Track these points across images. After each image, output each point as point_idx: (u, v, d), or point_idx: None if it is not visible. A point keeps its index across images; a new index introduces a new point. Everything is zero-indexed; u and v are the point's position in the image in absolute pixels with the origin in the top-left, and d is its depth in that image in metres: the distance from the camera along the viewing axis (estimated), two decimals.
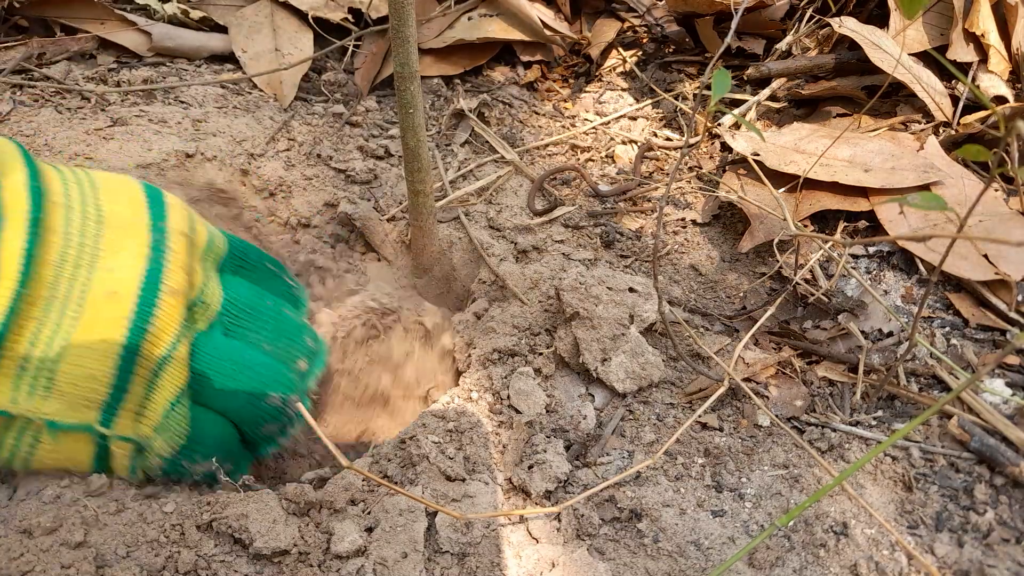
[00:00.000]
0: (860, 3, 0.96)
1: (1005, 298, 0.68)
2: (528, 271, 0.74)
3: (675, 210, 0.85)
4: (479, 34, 1.00)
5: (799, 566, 0.53)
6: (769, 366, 0.67)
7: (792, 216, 0.77)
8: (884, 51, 0.86)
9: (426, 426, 0.60)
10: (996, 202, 0.75)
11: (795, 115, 0.94)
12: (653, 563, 0.53)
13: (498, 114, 0.97)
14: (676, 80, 1.04)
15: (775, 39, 1.00)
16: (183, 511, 0.53)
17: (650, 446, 0.61)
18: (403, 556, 0.51)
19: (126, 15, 0.96)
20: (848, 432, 0.61)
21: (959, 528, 0.55)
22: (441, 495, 0.55)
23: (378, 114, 0.96)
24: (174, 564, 0.49)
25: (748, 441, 0.62)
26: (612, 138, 0.96)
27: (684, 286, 0.77)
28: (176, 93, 0.90)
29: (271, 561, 0.51)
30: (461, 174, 0.88)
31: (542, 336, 0.70)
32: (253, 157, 0.84)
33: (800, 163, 0.80)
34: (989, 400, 0.62)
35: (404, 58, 0.62)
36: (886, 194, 0.76)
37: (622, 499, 0.56)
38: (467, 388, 0.67)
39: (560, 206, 0.84)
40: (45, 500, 0.51)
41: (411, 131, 0.67)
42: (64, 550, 0.47)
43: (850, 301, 0.71)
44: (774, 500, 0.57)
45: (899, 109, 0.88)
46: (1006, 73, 0.85)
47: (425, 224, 0.75)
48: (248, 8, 1.01)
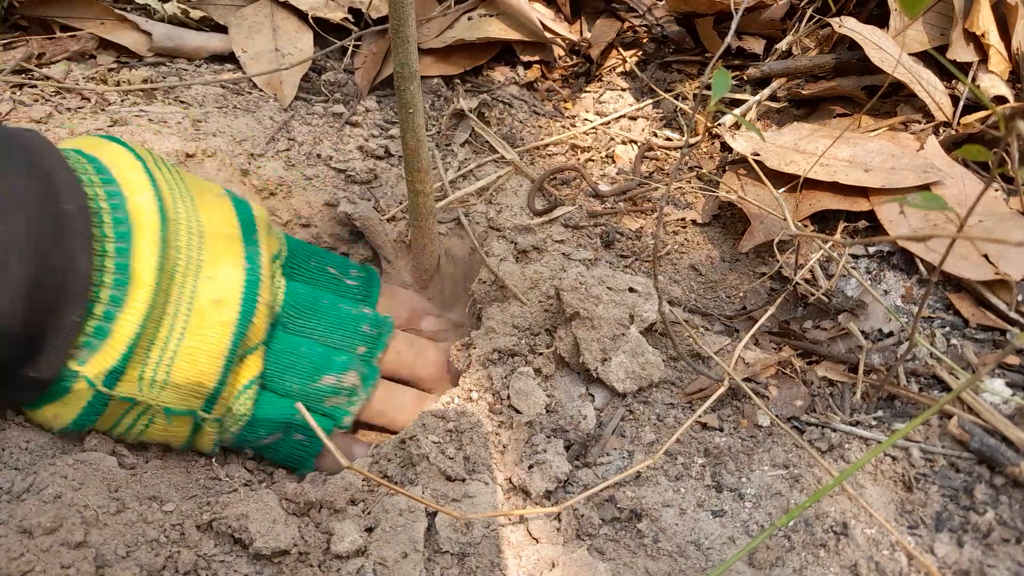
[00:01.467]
0: (860, 3, 0.96)
1: (1005, 298, 0.68)
2: (528, 271, 0.74)
3: (675, 210, 0.85)
4: (479, 34, 1.00)
5: (799, 566, 0.53)
6: (769, 366, 0.67)
7: (792, 216, 0.77)
8: (884, 51, 0.85)
9: (426, 426, 0.60)
10: (996, 202, 0.75)
11: (795, 115, 0.94)
12: (653, 563, 0.53)
13: (498, 114, 0.97)
14: (676, 80, 1.04)
15: (775, 39, 1.00)
16: (183, 511, 0.53)
17: (650, 446, 0.61)
18: (403, 556, 0.51)
19: (126, 15, 0.96)
20: (848, 432, 0.61)
21: (959, 528, 0.55)
22: (441, 495, 0.56)
23: (378, 114, 0.96)
24: (174, 564, 0.49)
25: (748, 441, 0.62)
26: (612, 138, 0.96)
27: (684, 286, 0.77)
28: (176, 93, 0.90)
29: (271, 561, 0.51)
30: (461, 174, 0.88)
31: (542, 336, 0.70)
32: (253, 157, 0.84)
33: (800, 163, 0.80)
34: (989, 400, 0.62)
35: (404, 58, 0.62)
36: (886, 194, 0.76)
37: (622, 499, 0.57)
38: (467, 388, 0.67)
39: (560, 206, 0.84)
40: (45, 500, 0.51)
41: (411, 131, 0.67)
42: (64, 550, 0.47)
43: (850, 301, 0.71)
44: (774, 500, 0.57)
45: (899, 109, 0.88)
46: (1006, 73, 0.85)
47: (425, 224, 0.75)
48: (248, 8, 1.01)
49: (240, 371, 0.62)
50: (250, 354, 0.62)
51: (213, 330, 0.59)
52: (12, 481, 0.52)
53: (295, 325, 0.69)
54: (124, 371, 0.55)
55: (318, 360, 0.67)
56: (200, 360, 0.58)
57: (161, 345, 0.57)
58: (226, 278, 0.60)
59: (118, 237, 0.55)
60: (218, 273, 0.60)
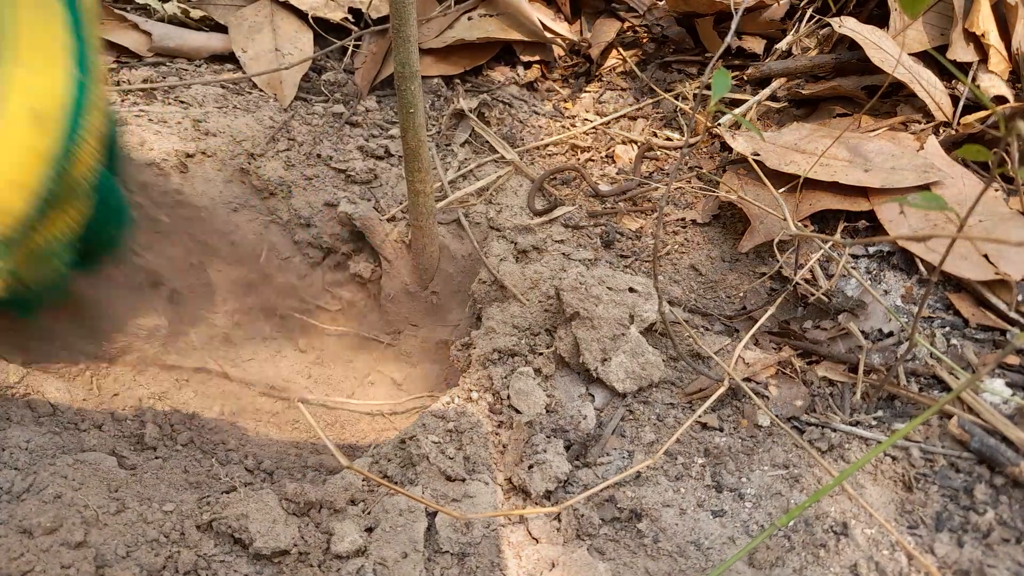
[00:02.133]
0: (860, 3, 0.96)
1: (1005, 298, 0.68)
2: (528, 271, 0.74)
3: (675, 210, 0.85)
4: (479, 34, 1.00)
5: (799, 566, 0.53)
6: (769, 366, 0.67)
7: (792, 216, 0.77)
8: (884, 51, 0.85)
9: (426, 426, 0.60)
10: (996, 202, 0.75)
11: (795, 115, 0.94)
12: (653, 563, 0.53)
13: (498, 114, 0.97)
14: (676, 80, 1.04)
15: (775, 39, 1.00)
16: (183, 511, 0.53)
17: (650, 446, 0.61)
18: (403, 556, 0.51)
19: (126, 15, 0.96)
20: (848, 432, 0.61)
21: (959, 528, 0.55)
22: (441, 495, 0.55)
23: (378, 114, 0.96)
24: (174, 564, 0.49)
25: (748, 441, 0.62)
26: (612, 138, 0.96)
27: (684, 286, 0.77)
28: (176, 93, 0.90)
29: (271, 561, 0.51)
30: (461, 174, 0.88)
31: (542, 336, 0.70)
32: (253, 157, 0.84)
33: (800, 163, 0.80)
34: (989, 400, 0.62)
35: (404, 58, 0.62)
36: (886, 194, 0.76)
37: (622, 499, 0.56)
38: (467, 388, 0.67)
39: (560, 206, 0.84)
40: (45, 500, 0.51)
41: (411, 131, 0.67)
42: (64, 550, 0.47)
43: (850, 301, 0.71)
44: (774, 500, 0.57)
45: (899, 109, 0.88)
46: (1006, 73, 0.85)
47: (425, 224, 0.75)
48: (248, 8, 1.01)
49: (54, 219, 0.47)
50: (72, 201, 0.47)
51: (22, 153, 0.43)
52: (12, 481, 0.52)
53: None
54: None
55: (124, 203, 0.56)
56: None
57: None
58: (45, 79, 0.43)
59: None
60: (34, 65, 0.42)
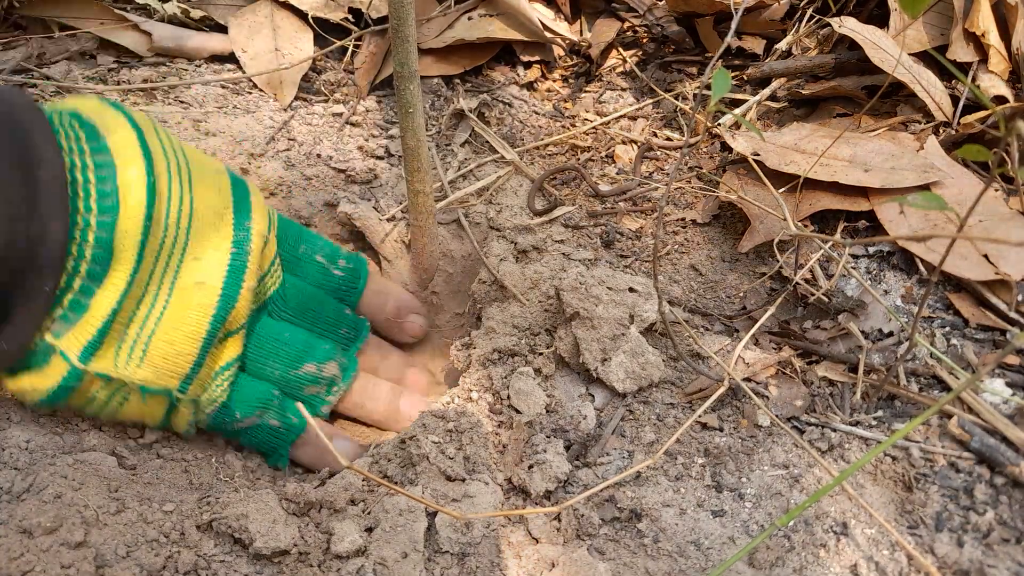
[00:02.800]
0: (860, 3, 0.96)
1: (1005, 298, 0.68)
2: (528, 271, 0.74)
3: (675, 210, 0.85)
4: (479, 34, 1.00)
5: (799, 566, 0.53)
6: (769, 366, 0.67)
7: (792, 216, 0.77)
8: (884, 51, 0.85)
9: (426, 426, 0.60)
10: (996, 202, 0.75)
11: (795, 115, 0.94)
12: (653, 563, 0.53)
13: (498, 114, 0.97)
14: (676, 80, 1.04)
15: (775, 39, 1.00)
16: (183, 511, 0.53)
17: (650, 446, 0.61)
18: (403, 556, 0.51)
19: (126, 15, 0.96)
20: (848, 432, 0.61)
21: (959, 528, 0.55)
22: (441, 495, 0.55)
23: (378, 114, 0.96)
24: (174, 564, 0.49)
25: (748, 441, 0.62)
26: (612, 138, 0.96)
27: (684, 286, 0.77)
28: (176, 93, 0.90)
29: (271, 561, 0.51)
30: (461, 174, 0.88)
31: (542, 336, 0.70)
32: (253, 157, 0.84)
33: (800, 163, 0.80)
34: (989, 400, 0.62)
35: (404, 58, 0.62)
36: (886, 194, 0.76)
37: (622, 499, 0.57)
38: (467, 388, 0.67)
39: (560, 206, 0.84)
40: (45, 500, 0.51)
41: (411, 131, 0.67)
42: (64, 550, 0.47)
43: (850, 301, 0.71)
44: (774, 500, 0.57)
45: (899, 109, 0.88)
46: (1006, 73, 0.85)
47: (425, 224, 0.75)
48: (248, 8, 1.01)
49: (219, 353, 0.62)
50: (230, 337, 0.62)
51: (193, 311, 0.58)
52: (12, 481, 0.52)
53: (282, 312, 0.69)
54: (100, 346, 0.55)
55: (300, 347, 0.68)
56: (178, 340, 0.58)
57: (140, 323, 0.56)
58: (211, 260, 0.60)
59: (102, 211, 0.53)
60: (204, 254, 0.60)
